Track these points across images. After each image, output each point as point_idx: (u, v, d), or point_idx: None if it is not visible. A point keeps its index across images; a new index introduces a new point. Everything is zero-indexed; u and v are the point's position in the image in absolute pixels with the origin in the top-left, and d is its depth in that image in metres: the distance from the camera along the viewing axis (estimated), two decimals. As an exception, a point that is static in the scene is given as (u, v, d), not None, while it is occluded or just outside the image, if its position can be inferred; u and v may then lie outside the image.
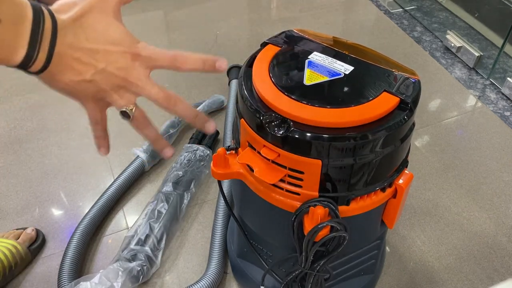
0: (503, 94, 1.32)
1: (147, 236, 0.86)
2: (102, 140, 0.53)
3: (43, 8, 0.39)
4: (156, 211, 0.90)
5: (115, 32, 0.43)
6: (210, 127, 0.49)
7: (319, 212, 0.52)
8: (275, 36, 0.63)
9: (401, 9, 1.70)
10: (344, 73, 0.56)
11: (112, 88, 0.44)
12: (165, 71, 0.49)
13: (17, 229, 0.91)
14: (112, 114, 0.46)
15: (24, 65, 0.39)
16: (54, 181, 1.04)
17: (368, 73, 0.56)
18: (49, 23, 0.39)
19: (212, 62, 0.47)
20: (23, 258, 0.86)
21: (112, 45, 0.42)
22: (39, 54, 0.39)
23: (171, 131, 1.09)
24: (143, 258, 0.83)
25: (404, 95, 0.52)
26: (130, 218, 0.97)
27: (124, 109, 0.45)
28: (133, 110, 0.46)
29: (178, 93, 1.44)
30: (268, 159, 0.53)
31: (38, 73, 0.41)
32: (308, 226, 0.53)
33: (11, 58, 0.38)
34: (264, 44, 0.61)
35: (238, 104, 0.58)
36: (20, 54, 0.38)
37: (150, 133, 0.49)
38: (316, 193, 0.54)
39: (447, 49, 1.49)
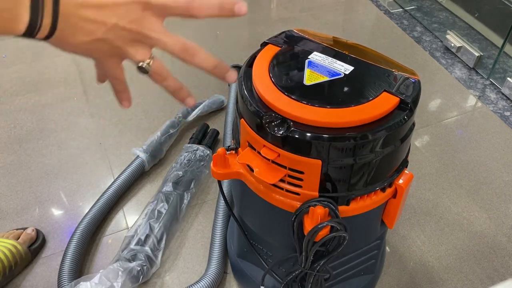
0: (503, 94, 1.32)
1: (147, 236, 0.86)
2: (123, 94, 0.50)
3: None
4: (156, 211, 0.90)
5: None
6: (232, 76, 0.46)
7: (319, 212, 0.52)
8: (275, 36, 0.63)
9: (401, 9, 1.70)
10: (344, 73, 0.56)
11: (126, 43, 0.41)
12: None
13: (17, 229, 0.91)
14: (112, 114, 0.46)
15: (30, 33, 0.37)
16: (54, 181, 1.04)
17: (368, 73, 0.56)
18: None
19: (231, 5, 0.43)
20: (23, 258, 0.86)
21: None
22: (44, 19, 0.37)
23: (171, 131, 1.09)
24: (143, 258, 0.83)
25: (404, 95, 0.52)
26: (130, 218, 0.97)
27: (141, 64, 0.43)
28: (150, 63, 0.43)
29: (178, 93, 1.42)
30: (268, 159, 0.53)
31: (45, 38, 0.39)
32: (308, 226, 0.53)
33: (15, 27, 0.36)
34: (264, 44, 0.61)
35: (238, 104, 0.58)
36: (23, 21, 0.36)
37: (170, 84, 0.47)
38: (316, 193, 0.54)
39: (447, 49, 1.49)
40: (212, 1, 0.43)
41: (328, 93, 0.54)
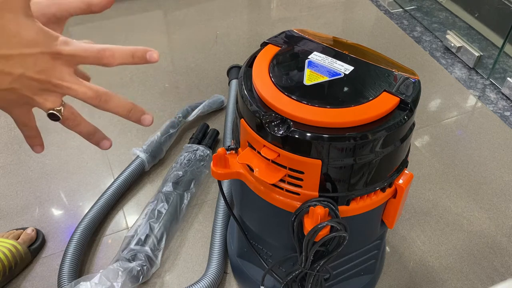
0: (503, 94, 1.32)
1: (147, 236, 0.86)
2: (34, 139, 0.49)
3: None
4: (156, 211, 0.90)
5: (29, 31, 0.38)
6: (147, 120, 0.45)
7: (319, 212, 0.52)
8: (275, 36, 0.63)
9: (401, 9, 1.70)
10: (344, 73, 0.56)
11: (34, 92, 0.40)
12: (166, 72, 0.48)
13: (17, 229, 0.91)
14: (112, 114, 0.45)
15: None
16: (54, 181, 1.04)
17: (368, 73, 0.56)
18: None
19: (142, 54, 0.43)
20: (23, 258, 0.86)
21: (27, 47, 0.38)
22: None
23: (171, 131, 1.09)
24: (143, 258, 0.83)
25: (404, 95, 0.52)
26: (130, 218, 0.97)
27: (51, 112, 0.42)
28: (62, 110, 0.42)
29: (178, 93, 1.44)
30: (268, 159, 0.53)
31: None
32: (308, 226, 0.53)
33: None
34: (264, 44, 0.61)
35: (238, 104, 0.58)
36: None
37: (83, 129, 0.45)
38: (316, 193, 0.54)
39: (447, 49, 1.49)
40: (124, 50, 0.42)
41: (328, 93, 0.54)
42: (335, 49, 0.60)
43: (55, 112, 0.42)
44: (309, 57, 0.59)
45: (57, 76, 0.40)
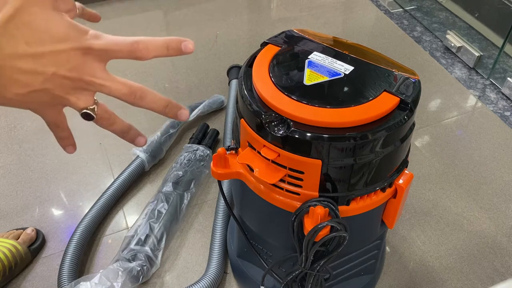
0: (503, 94, 1.32)
1: (147, 236, 0.86)
2: (67, 140, 0.46)
3: None
4: (156, 211, 0.90)
5: (58, 26, 0.36)
6: (183, 114, 0.43)
7: (319, 212, 0.52)
8: (275, 36, 0.63)
9: (401, 9, 1.70)
10: (344, 73, 0.56)
11: (67, 92, 0.38)
12: (166, 72, 0.48)
13: (17, 229, 0.91)
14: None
15: None
16: (54, 181, 1.04)
17: (368, 73, 0.56)
18: None
19: (177, 44, 0.41)
20: (23, 258, 0.86)
21: (59, 43, 0.36)
22: None
23: (171, 131, 1.09)
24: (143, 258, 0.83)
25: (404, 95, 0.52)
26: (130, 218, 0.97)
27: (84, 112, 0.40)
28: (95, 109, 0.40)
29: (178, 93, 1.44)
30: (268, 159, 0.53)
31: None
32: (308, 226, 0.53)
33: None
34: (264, 44, 0.61)
35: (238, 104, 0.58)
36: None
37: (118, 127, 0.44)
38: (316, 193, 0.54)
39: (447, 49, 1.49)
40: (158, 42, 0.41)
41: (328, 93, 0.54)
42: (335, 49, 0.60)
43: (89, 112, 0.40)
44: (309, 57, 0.59)
45: (89, 73, 0.38)
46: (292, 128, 0.50)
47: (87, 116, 0.40)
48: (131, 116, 1.25)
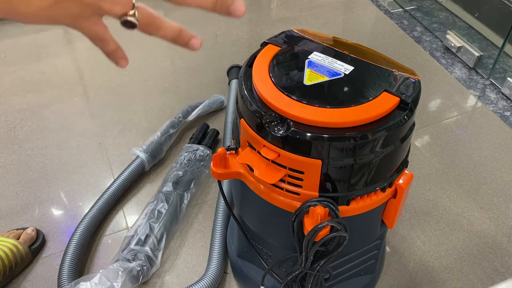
0: (503, 94, 1.32)
1: (147, 236, 0.86)
2: (116, 53, 0.41)
3: None
4: (156, 211, 0.90)
5: None
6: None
7: (319, 212, 0.52)
8: (275, 36, 0.63)
9: (401, 9, 1.70)
10: (344, 73, 0.56)
11: None
12: (166, 72, 0.47)
13: (17, 229, 0.91)
14: (112, 114, 0.45)
15: None
16: (54, 181, 1.04)
17: (368, 73, 0.56)
18: None
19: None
20: (24, 258, 0.86)
21: None
22: None
23: (171, 131, 1.09)
24: (143, 258, 0.83)
25: (404, 95, 0.52)
26: (130, 218, 0.97)
27: (124, 18, 0.35)
28: (136, 14, 0.36)
29: (178, 93, 1.44)
30: (268, 159, 0.53)
31: None
32: (308, 226, 0.53)
33: None
34: (264, 44, 0.61)
35: (238, 104, 0.58)
36: None
37: (167, 31, 0.39)
38: (316, 193, 0.54)
39: (447, 49, 1.49)
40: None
41: (328, 93, 0.54)
42: (335, 49, 0.60)
43: (129, 19, 0.35)
44: (309, 57, 0.59)
45: None
46: (292, 128, 0.50)
47: (128, 24, 0.36)
48: (131, 116, 1.26)
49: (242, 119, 0.56)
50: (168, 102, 1.25)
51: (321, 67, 0.57)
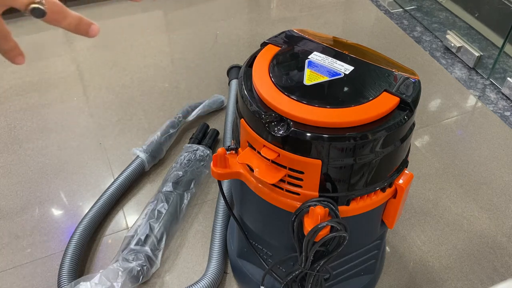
0: (503, 94, 1.32)
1: (147, 236, 0.86)
2: (13, 51, 0.41)
3: None
4: (156, 211, 0.90)
5: None
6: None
7: (319, 212, 0.52)
8: (275, 36, 0.63)
9: (401, 9, 1.70)
10: (344, 73, 0.56)
11: None
12: (166, 72, 0.48)
13: None
14: (112, 114, 0.45)
15: None
16: (54, 181, 1.04)
17: (368, 73, 0.56)
18: None
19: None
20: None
21: None
22: None
23: (171, 131, 1.09)
24: (143, 258, 0.83)
25: (404, 95, 0.52)
26: (130, 218, 0.97)
27: (32, 6, 0.35)
28: (43, 1, 0.35)
29: (178, 93, 1.44)
30: (268, 159, 0.53)
31: None
32: (308, 226, 0.53)
33: None
34: (264, 44, 0.61)
35: (238, 104, 0.58)
36: None
37: (71, 19, 0.39)
38: (316, 193, 0.54)
39: (447, 49, 1.49)
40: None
41: (328, 93, 0.54)
42: (335, 49, 0.60)
43: (37, 6, 0.35)
44: (309, 57, 0.59)
45: None
46: (292, 128, 0.50)
47: (36, 12, 0.35)
48: (131, 116, 1.26)
49: (242, 119, 0.56)
50: (168, 102, 1.25)
51: (321, 67, 0.57)
